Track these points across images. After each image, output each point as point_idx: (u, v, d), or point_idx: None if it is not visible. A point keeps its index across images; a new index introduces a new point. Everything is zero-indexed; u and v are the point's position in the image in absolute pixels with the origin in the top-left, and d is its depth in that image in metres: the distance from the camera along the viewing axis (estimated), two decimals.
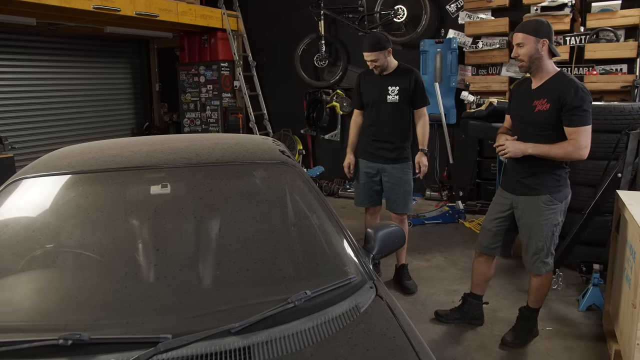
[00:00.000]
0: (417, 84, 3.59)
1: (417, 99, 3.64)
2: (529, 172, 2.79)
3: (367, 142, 3.77)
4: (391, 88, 3.60)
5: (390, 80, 3.62)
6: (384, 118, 3.66)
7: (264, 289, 1.58)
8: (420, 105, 3.67)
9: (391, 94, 3.61)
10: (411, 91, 3.59)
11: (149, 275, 1.58)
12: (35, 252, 1.66)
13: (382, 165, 3.70)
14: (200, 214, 1.80)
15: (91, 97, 7.73)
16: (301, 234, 1.86)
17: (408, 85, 3.58)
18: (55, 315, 1.43)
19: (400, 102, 3.61)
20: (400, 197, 3.71)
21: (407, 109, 3.66)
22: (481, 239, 3.10)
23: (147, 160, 1.97)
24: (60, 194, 1.85)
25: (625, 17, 5.11)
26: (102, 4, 5.33)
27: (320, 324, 1.47)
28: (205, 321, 1.42)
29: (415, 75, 3.62)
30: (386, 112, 3.65)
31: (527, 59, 2.65)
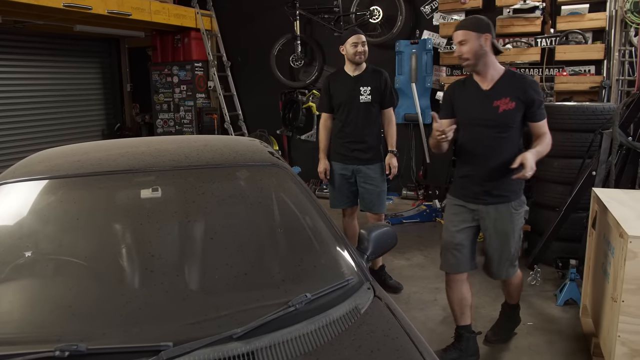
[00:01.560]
0: (386, 85, 3.63)
1: (386, 99, 3.66)
2: (496, 179, 2.62)
3: (340, 144, 3.73)
4: (363, 88, 3.60)
5: (361, 80, 3.63)
6: (356, 119, 3.64)
7: (263, 292, 1.56)
8: (388, 106, 3.70)
9: (363, 94, 3.61)
10: (381, 91, 3.62)
11: (145, 282, 1.54)
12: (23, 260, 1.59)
13: (357, 167, 3.68)
14: (193, 218, 1.77)
15: (59, 98, 7.48)
16: (296, 236, 1.85)
17: (379, 85, 3.61)
18: (49, 326, 1.38)
19: (372, 102, 3.62)
20: (376, 197, 3.72)
21: (378, 109, 3.69)
22: (449, 258, 2.77)
23: (135, 163, 1.92)
24: (46, 199, 1.79)
25: (592, 20, 5.29)
26: (73, 2, 5.17)
27: (322, 327, 1.46)
28: (205, 327, 1.39)
29: (385, 76, 3.66)
30: (359, 112, 3.64)
31: (472, 56, 2.54)
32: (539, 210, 4.29)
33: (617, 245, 2.49)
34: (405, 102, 6.19)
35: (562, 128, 3.95)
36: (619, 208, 2.67)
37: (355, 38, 3.55)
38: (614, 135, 3.38)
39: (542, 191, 4.25)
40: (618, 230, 2.42)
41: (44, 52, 7.21)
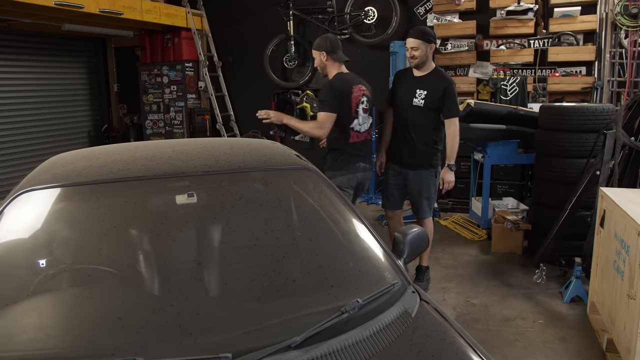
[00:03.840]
0: (445, 92, 3.43)
1: (444, 107, 3.47)
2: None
3: (393, 144, 3.70)
4: (419, 91, 3.48)
5: (421, 83, 3.50)
6: (408, 121, 3.54)
7: (314, 298, 1.54)
8: (448, 116, 3.49)
9: (417, 97, 3.48)
10: (438, 98, 3.43)
11: (194, 291, 1.50)
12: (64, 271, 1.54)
13: (406, 170, 3.60)
14: (234, 224, 1.73)
15: (44, 98, 7.27)
16: (337, 240, 1.83)
17: (436, 91, 3.43)
18: (101, 340, 1.33)
19: (425, 106, 3.46)
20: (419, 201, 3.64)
21: (435, 115, 3.51)
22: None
23: (166, 168, 1.87)
24: (78, 206, 1.73)
25: (584, 23, 5.41)
26: (65, 1, 5.02)
27: (377, 332, 1.45)
28: (261, 336, 1.36)
29: (446, 84, 3.45)
30: (411, 115, 3.52)
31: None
32: (539, 209, 4.36)
33: (633, 243, 2.55)
34: None
35: (563, 128, 4.03)
36: (631, 206, 2.73)
37: (408, 42, 3.50)
38: (617, 136, 3.46)
39: (543, 190, 4.32)
40: (636, 228, 2.47)
41: (28, 52, 6.99)
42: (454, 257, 4.47)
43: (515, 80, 5.57)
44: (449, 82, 3.47)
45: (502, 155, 4.85)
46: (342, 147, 3.37)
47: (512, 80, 5.59)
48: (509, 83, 5.59)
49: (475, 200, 5.23)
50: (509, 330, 3.18)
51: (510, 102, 5.50)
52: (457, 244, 4.80)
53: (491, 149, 4.77)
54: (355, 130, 3.39)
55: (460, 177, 5.93)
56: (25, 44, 6.93)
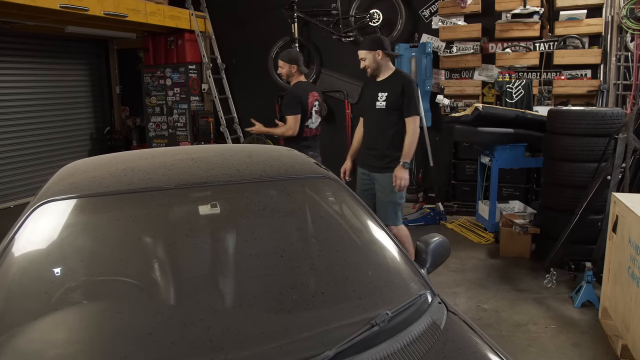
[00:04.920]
0: (403, 91, 3.51)
1: (404, 107, 3.53)
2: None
3: (362, 149, 3.81)
4: (381, 94, 3.59)
5: (382, 86, 3.61)
6: (373, 125, 3.69)
7: (343, 311, 1.53)
8: (407, 114, 3.54)
9: (380, 99, 3.59)
10: (398, 98, 3.51)
11: (224, 304, 1.49)
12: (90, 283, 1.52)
13: (373, 174, 3.67)
14: (259, 235, 1.71)
15: (46, 100, 7.24)
16: (363, 251, 1.82)
17: (396, 91, 3.52)
18: (133, 356, 1.31)
19: (387, 108, 3.56)
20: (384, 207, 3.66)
21: (397, 116, 3.56)
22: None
23: (187, 177, 1.85)
24: (103, 217, 1.71)
25: (590, 26, 5.42)
26: (70, 3, 5.00)
27: (408, 344, 1.44)
28: (293, 350, 1.35)
29: (405, 83, 3.54)
30: (375, 118, 3.66)
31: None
32: (547, 212, 4.36)
33: None
34: None
35: (572, 132, 4.03)
36: None
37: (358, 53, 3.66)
38: (628, 141, 3.46)
39: (551, 194, 4.32)
40: None
41: (30, 54, 6.97)
42: (461, 261, 4.47)
43: (521, 83, 5.57)
44: (407, 81, 3.55)
45: (510, 159, 4.86)
46: (296, 139, 4.03)
47: (518, 83, 5.59)
48: (515, 86, 5.59)
49: (482, 204, 5.23)
50: (522, 336, 3.18)
51: (515, 105, 5.50)
52: (465, 247, 4.80)
53: (499, 152, 4.77)
54: (309, 127, 4.10)
55: (465, 180, 5.97)
56: (27, 46, 6.91)
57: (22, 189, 7.02)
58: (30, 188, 7.12)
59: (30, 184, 7.13)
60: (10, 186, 6.81)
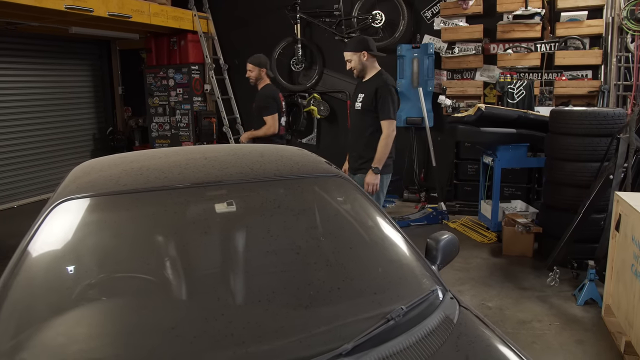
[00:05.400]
0: (377, 93, 3.45)
1: (377, 109, 3.48)
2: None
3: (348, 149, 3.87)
4: (360, 95, 3.59)
5: (361, 87, 3.63)
6: (352, 125, 3.78)
7: (358, 306, 1.57)
8: (380, 117, 3.48)
9: (358, 100, 3.59)
10: (371, 99, 3.48)
11: (243, 299, 1.52)
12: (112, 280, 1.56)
13: (354, 175, 3.65)
14: (275, 232, 1.75)
15: (49, 100, 7.28)
16: (376, 247, 1.86)
17: (371, 92, 3.48)
18: (158, 350, 1.35)
19: (362, 109, 3.54)
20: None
21: (373, 117, 3.51)
22: None
23: (202, 176, 1.89)
24: (122, 215, 1.74)
25: (590, 27, 5.47)
26: (75, 4, 5.03)
27: (423, 338, 1.47)
28: (312, 344, 1.38)
29: (380, 84, 3.46)
30: (354, 119, 3.73)
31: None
32: (549, 212, 4.41)
33: None
34: (406, 106, 6.26)
35: (574, 132, 4.07)
36: None
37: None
38: (630, 141, 3.51)
39: (553, 194, 4.36)
40: None
41: (33, 54, 7.01)
42: (465, 259, 4.51)
43: (522, 83, 5.62)
44: (381, 84, 3.46)
45: (512, 159, 4.90)
46: (274, 137, 4.39)
47: (519, 84, 5.64)
48: (516, 86, 5.64)
49: (484, 203, 5.27)
50: (526, 333, 3.22)
51: (517, 106, 5.55)
52: (468, 246, 4.84)
53: (501, 152, 4.82)
54: (282, 125, 4.54)
55: (467, 179, 6.02)
56: (30, 46, 6.95)
57: (26, 189, 7.05)
58: (33, 188, 7.15)
59: (34, 184, 7.16)
60: (14, 186, 6.84)
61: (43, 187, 7.31)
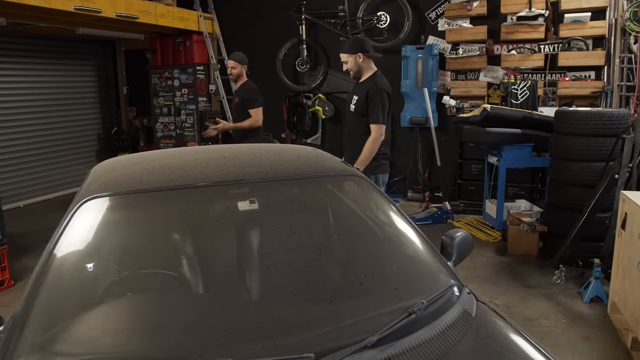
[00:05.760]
0: (367, 96, 3.47)
1: (368, 112, 3.51)
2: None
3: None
4: (354, 97, 3.62)
5: (356, 89, 3.66)
6: (346, 127, 3.83)
7: (381, 300, 1.61)
8: (370, 120, 3.50)
9: (352, 102, 3.62)
10: (363, 102, 3.51)
11: (268, 295, 1.57)
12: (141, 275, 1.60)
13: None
14: (297, 230, 1.80)
15: (55, 101, 7.33)
16: (394, 244, 1.91)
17: (362, 95, 3.51)
18: (189, 342, 1.39)
19: (355, 112, 3.58)
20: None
21: (365, 120, 3.53)
22: None
23: (224, 175, 1.94)
24: (148, 213, 1.79)
25: (594, 28, 5.53)
26: (83, 5, 5.08)
27: (444, 331, 1.52)
28: (338, 337, 1.43)
29: (371, 87, 3.48)
30: (348, 120, 3.75)
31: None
32: (554, 211, 4.46)
33: None
34: (410, 106, 6.32)
35: (579, 133, 4.12)
36: None
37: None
38: (635, 140, 3.56)
39: (558, 193, 4.41)
40: None
41: (39, 55, 7.06)
42: (471, 258, 4.56)
43: (526, 84, 5.68)
44: (373, 87, 3.47)
45: (517, 159, 4.96)
46: (258, 130, 4.65)
47: (523, 85, 5.69)
48: (520, 87, 5.70)
49: (489, 202, 5.32)
50: (534, 330, 3.27)
51: (520, 106, 5.60)
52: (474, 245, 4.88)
53: (506, 152, 4.87)
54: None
55: (471, 179, 6.07)
56: (36, 47, 6.99)
57: (32, 189, 7.10)
58: (39, 188, 7.20)
59: (40, 184, 7.21)
60: (20, 186, 6.88)
61: (49, 187, 7.36)
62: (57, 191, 7.45)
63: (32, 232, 5.50)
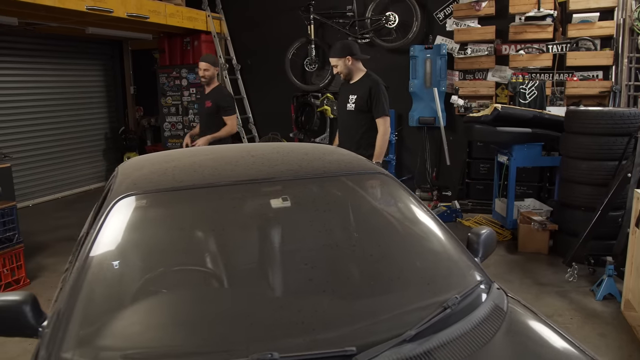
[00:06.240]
0: (370, 93, 3.64)
1: (372, 108, 3.68)
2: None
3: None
4: (351, 97, 3.76)
5: (352, 89, 3.79)
6: (344, 126, 3.91)
7: (415, 295, 1.65)
8: (375, 115, 3.68)
9: (350, 102, 3.75)
10: (366, 99, 3.66)
11: (310, 289, 1.60)
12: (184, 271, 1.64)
13: None
14: (330, 227, 1.83)
15: (62, 100, 7.36)
16: (425, 241, 1.94)
17: (363, 93, 3.67)
18: (234, 336, 1.42)
19: (356, 110, 3.71)
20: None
21: (366, 117, 3.70)
22: None
23: (255, 173, 1.96)
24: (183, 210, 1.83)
25: (602, 28, 5.57)
26: (96, 5, 5.11)
27: (478, 325, 1.55)
28: (377, 331, 1.46)
29: (372, 84, 3.67)
30: (346, 120, 3.85)
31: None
32: (564, 209, 4.50)
33: None
34: (419, 106, 6.35)
35: (590, 132, 4.16)
36: None
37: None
38: None
39: (569, 191, 4.45)
40: None
41: (47, 54, 7.09)
42: None
43: (534, 84, 5.71)
44: (374, 83, 3.68)
45: (527, 158, 4.99)
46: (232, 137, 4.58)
47: (531, 84, 5.73)
48: (528, 87, 5.73)
49: (499, 201, 5.36)
50: None
51: (528, 106, 5.63)
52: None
53: (517, 151, 4.91)
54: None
55: (479, 178, 6.11)
56: (45, 46, 7.03)
57: (40, 188, 7.13)
58: (47, 187, 7.23)
59: (48, 183, 7.24)
60: (29, 185, 6.91)
61: (57, 186, 7.39)
62: (65, 190, 7.49)
63: (42, 231, 5.54)
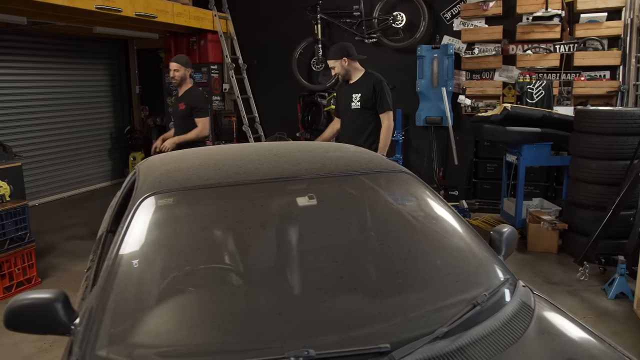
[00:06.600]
0: (375, 90, 3.80)
1: (377, 105, 3.83)
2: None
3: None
4: (355, 95, 3.87)
5: (355, 88, 3.90)
6: (348, 125, 3.98)
7: (444, 293, 1.66)
8: (379, 111, 3.84)
9: (354, 100, 3.86)
10: (370, 97, 3.81)
11: (341, 288, 1.61)
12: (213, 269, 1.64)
13: None
14: (357, 225, 1.84)
15: (68, 100, 7.37)
16: (449, 239, 1.95)
17: (367, 91, 3.81)
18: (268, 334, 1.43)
19: (361, 108, 3.84)
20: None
21: (371, 115, 3.85)
22: None
23: (279, 171, 1.97)
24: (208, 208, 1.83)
25: (609, 28, 5.58)
26: (105, 4, 5.11)
27: (508, 322, 1.56)
28: (410, 328, 1.47)
29: (375, 82, 3.82)
30: (351, 118, 3.93)
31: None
32: (574, 209, 4.51)
33: None
34: (426, 105, 6.36)
35: (601, 131, 4.18)
36: None
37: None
38: None
39: (578, 191, 4.46)
40: None
41: (53, 54, 7.09)
42: None
43: (541, 84, 5.72)
44: (377, 80, 3.83)
45: (537, 157, 5.01)
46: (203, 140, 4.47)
47: (538, 84, 5.73)
48: (535, 87, 5.74)
49: (507, 201, 5.37)
50: None
51: (536, 105, 5.64)
52: None
53: (526, 151, 4.92)
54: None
55: (486, 178, 6.12)
56: (51, 46, 7.03)
57: (46, 187, 7.13)
58: (54, 187, 7.23)
59: (54, 182, 7.24)
60: (34, 185, 6.91)
61: (63, 186, 7.39)
62: (71, 190, 7.49)
63: (50, 230, 5.54)
